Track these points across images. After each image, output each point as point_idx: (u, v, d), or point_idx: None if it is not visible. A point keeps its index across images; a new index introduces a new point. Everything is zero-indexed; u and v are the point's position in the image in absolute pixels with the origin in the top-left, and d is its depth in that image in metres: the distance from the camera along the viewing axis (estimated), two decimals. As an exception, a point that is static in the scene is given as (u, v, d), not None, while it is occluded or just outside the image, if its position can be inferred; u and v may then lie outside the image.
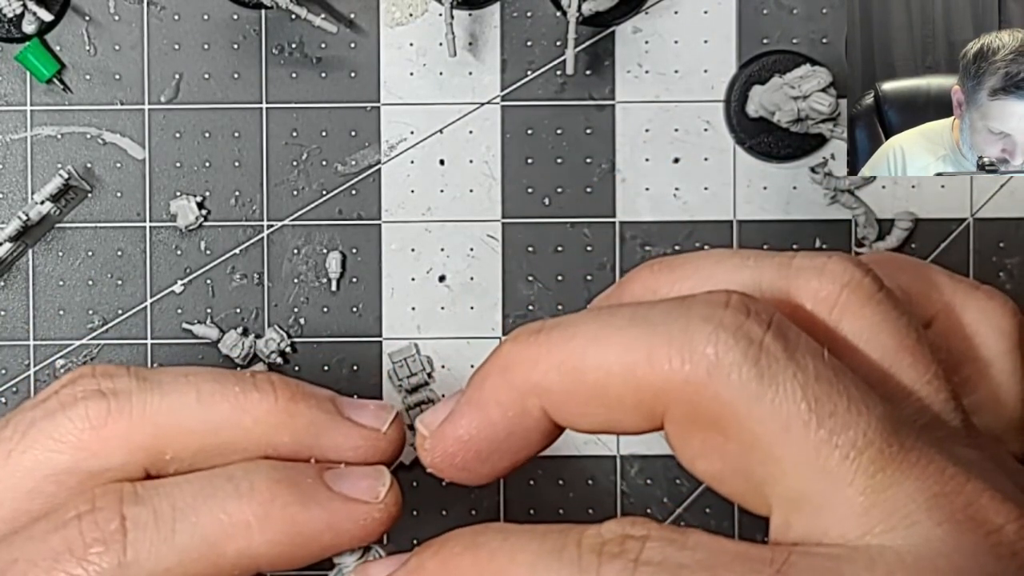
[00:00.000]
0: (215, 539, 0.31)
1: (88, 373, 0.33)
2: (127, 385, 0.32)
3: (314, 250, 0.51)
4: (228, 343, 0.50)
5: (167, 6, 0.50)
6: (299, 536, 0.32)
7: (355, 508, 0.32)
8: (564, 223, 0.51)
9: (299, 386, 0.33)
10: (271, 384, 0.33)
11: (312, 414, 0.33)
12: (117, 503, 0.31)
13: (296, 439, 0.33)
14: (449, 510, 0.51)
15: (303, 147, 0.51)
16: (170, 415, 0.32)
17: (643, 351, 0.27)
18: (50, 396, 0.33)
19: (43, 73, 0.49)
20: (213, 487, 0.31)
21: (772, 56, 0.50)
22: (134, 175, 0.50)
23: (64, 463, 0.32)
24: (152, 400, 0.32)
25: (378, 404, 0.34)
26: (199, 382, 0.33)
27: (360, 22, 0.50)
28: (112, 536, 0.31)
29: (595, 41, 0.51)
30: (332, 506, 0.32)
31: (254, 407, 0.32)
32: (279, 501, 0.31)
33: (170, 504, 0.31)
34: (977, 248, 0.51)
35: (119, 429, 0.32)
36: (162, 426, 0.32)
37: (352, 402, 0.34)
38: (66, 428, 0.32)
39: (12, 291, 0.50)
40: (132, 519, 0.31)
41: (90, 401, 0.32)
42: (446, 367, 0.51)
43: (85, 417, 0.32)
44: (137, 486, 0.32)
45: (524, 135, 0.51)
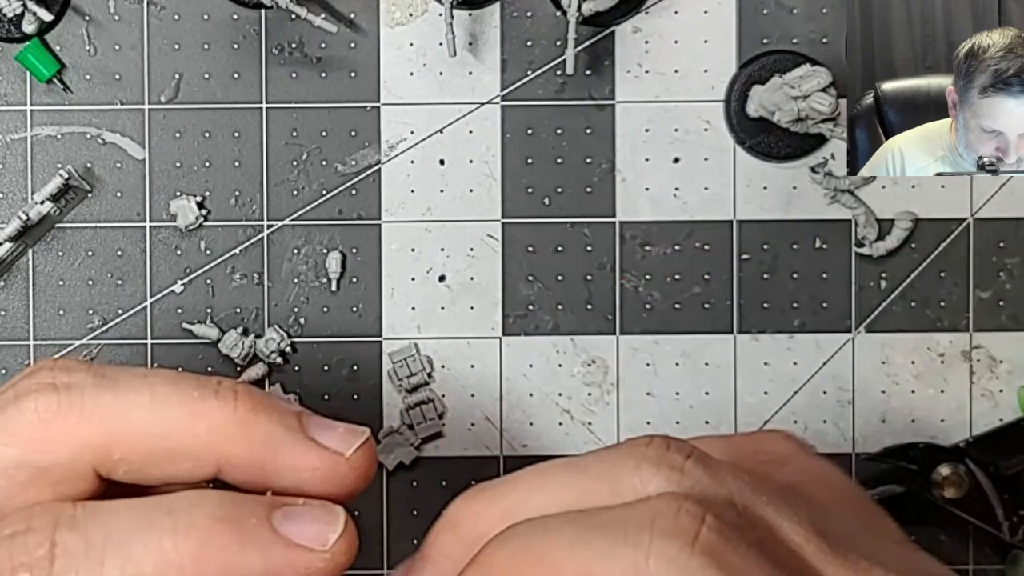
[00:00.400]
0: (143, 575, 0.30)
1: (47, 367, 0.32)
2: (82, 380, 0.31)
3: (314, 250, 0.51)
4: (228, 343, 0.50)
5: (167, 6, 0.50)
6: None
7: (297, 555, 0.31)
8: (564, 223, 0.51)
9: (264, 398, 0.32)
10: (233, 393, 0.32)
11: (271, 428, 0.32)
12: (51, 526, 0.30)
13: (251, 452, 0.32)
14: (449, 510, 0.51)
15: (303, 147, 0.51)
16: (121, 414, 0.31)
17: (575, 491, 0.29)
18: (8, 388, 0.32)
19: (43, 73, 0.49)
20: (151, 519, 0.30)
21: (772, 56, 0.50)
22: (134, 175, 0.50)
23: (13, 456, 0.31)
24: (104, 397, 0.31)
25: (348, 428, 0.33)
26: (156, 383, 0.31)
27: (360, 22, 0.50)
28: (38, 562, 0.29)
29: (595, 41, 0.51)
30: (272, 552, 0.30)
31: (210, 414, 0.31)
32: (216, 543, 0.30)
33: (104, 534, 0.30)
34: (977, 248, 0.51)
35: (68, 425, 0.31)
36: (112, 424, 0.31)
37: (321, 422, 0.33)
38: (16, 421, 0.31)
39: (12, 291, 0.50)
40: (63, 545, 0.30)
41: (41, 394, 0.31)
42: (446, 367, 0.51)
43: (35, 410, 0.31)
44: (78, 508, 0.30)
45: (524, 135, 0.51)
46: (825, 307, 0.51)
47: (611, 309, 0.51)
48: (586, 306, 0.51)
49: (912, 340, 0.51)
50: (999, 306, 0.51)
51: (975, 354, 0.51)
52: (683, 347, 0.51)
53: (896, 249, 0.51)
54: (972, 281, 0.51)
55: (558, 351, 0.51)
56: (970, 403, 0.51)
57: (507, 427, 0.51)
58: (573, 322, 0.51)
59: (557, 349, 0.51)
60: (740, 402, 0.51)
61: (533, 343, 0.51)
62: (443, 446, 0.51)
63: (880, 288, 0.51)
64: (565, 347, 0.51)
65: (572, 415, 0.51)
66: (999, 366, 0.51)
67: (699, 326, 0.51)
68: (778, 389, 0.51)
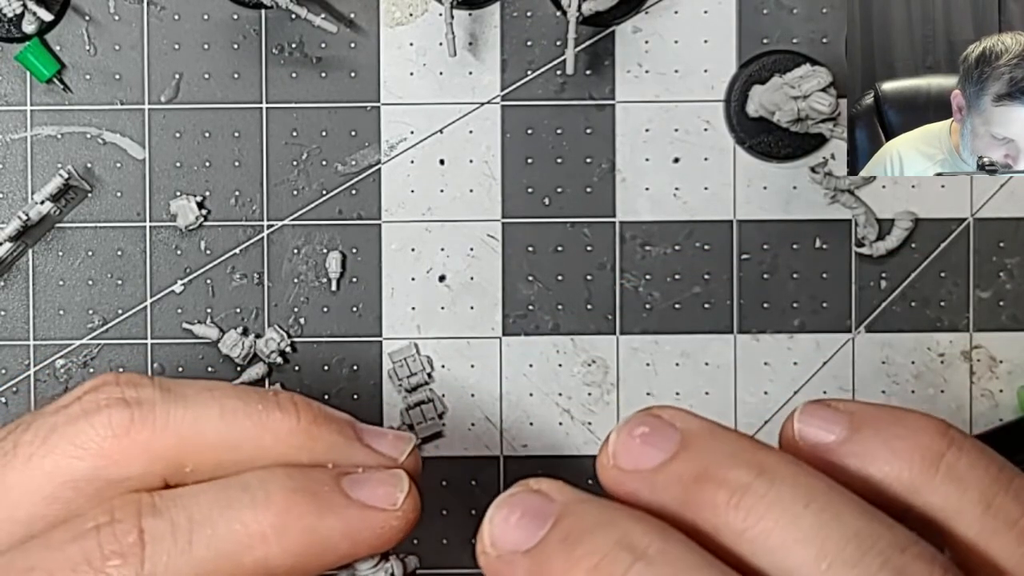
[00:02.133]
0: (232, 551, 0.31)
1: (112, 381, 0.33)
2: (151, 395, 0.32)
3: (314, 250, 0.51)
4: (228, 343, 0.50)
5: (167, 6, 0.50)
6: (316, 546, 0.31)
7: (373, 516, 0.32)
8: (564, 223, 0.51)
9: (320, 409, 0.33)
10: (294, 404, 0.33)
11: (332, 438, 0.33)
12: (135, 515, 0.31)
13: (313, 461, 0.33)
14: (449, 510, 0.51)
15: (303, 147, 0.51)
16: (192, 428, 0.32)
17: None
18: (72, 402, 0.32)
19: (43, 73, 0.49)
20: (229, 498, 0.31)
21: (772, 56, 0.50)
22: (134, 175, 0.50)
23: (84, 470, 0.32)
24: (175, 412, 0.32)
25: (396, 434, 0.34)
26: (222, 397, 0.33)
27: (360, 22, 0.50)
28: (130, 549, 0.30)
29: (595, 41, 0.51)
30: (349, 514, 0.32)
31: (275, 426, 0.32)
32: (295, 511, 0.31)
33: (187, 516, 0.31)
34: (977, 248, 0.51)
35: (141, 438, 0.32)
36: (184, 438, 0.32)
37: (371, 429, 0.34)
38: (88, 435, 0.32)
39: (12, 291, 0.50)
40: (150, 532, 0.31)
41: (113, 409, 0.32)
42: (446, 367, 0.51)
43: (108, 425, 0.32)
44: (155, 497, 0.31)
45: (524, 135, 0.51)
46: (825, 307, 0.51)
47: (611, 309, 0.51)
48: (586, 306, 0.51)
49: (912, 340, 0.51)
50: (999, 306, 0.51)
51: (975, 354, 0.51)
52: (683, 347, 0.51)
53: (896, 249, 0.51)
54: (972, 281, 0.51)
55: (558, 351, 0.51)
56: (970, 403, 0.51)
57: (507, 427, 0.51)
58: (573, 322, 0.51)
59: (557, 349, 0.51)
60: (740, 402, 0.51)
61: (533, 343, 0.51)
62: (443, 446, 0.51)
63: (880, 288, 0.51)
64: (565, 347, 0.51)
65: (572, 415, 0.51)
66: (999, 366, 0.51)
67: (699, 326, 0.51)
68: (778, 389, 0.51)
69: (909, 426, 0.29)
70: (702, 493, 0.27)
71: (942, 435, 0.29)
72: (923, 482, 0.28)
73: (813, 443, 0.29)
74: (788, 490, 0.27)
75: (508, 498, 0.29)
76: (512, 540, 0.29)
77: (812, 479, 0.27)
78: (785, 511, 0.27)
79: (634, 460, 0.29)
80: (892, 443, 0.29)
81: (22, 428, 0.33)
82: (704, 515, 0.27)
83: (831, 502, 0.27)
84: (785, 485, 0.27)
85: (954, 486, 0.28)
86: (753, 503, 0.27)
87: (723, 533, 0.27)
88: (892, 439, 0.29)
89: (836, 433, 0.29)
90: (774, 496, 0.27)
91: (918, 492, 0.28)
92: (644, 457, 0.29)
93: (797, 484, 0.27)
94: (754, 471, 0.27)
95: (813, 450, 0.29)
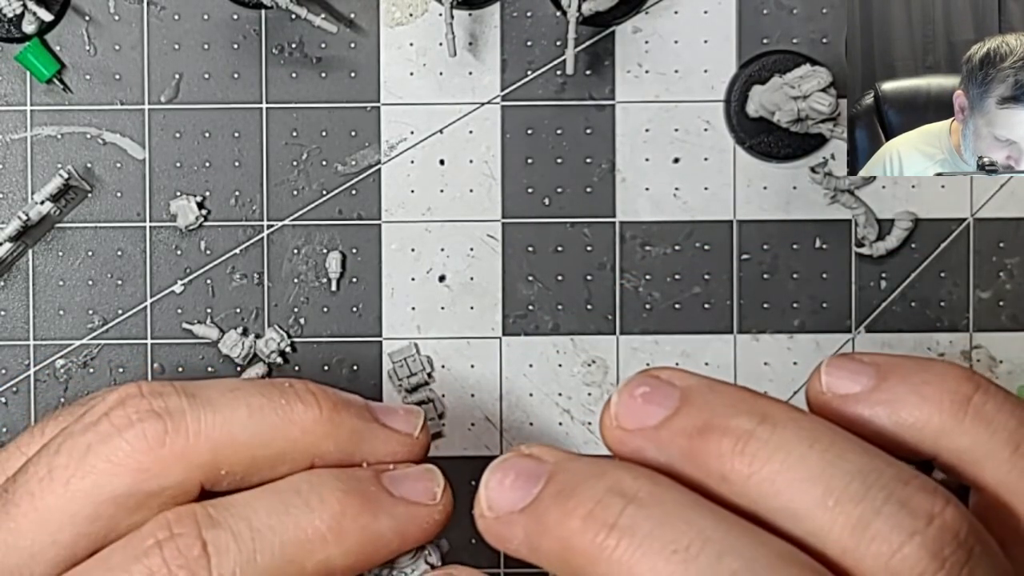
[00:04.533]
0: (295, 555, 0.31)
1: (136, 393, 0.33)
2: (179, 404, 0.32)
3: (314, 250, 0.51)
4: (228, 343, 0.50)
5: (167, 6, 0.50)
6: (371, 544, 0.32)
7: (418, 512, 0.33)
8: (564, 223, 0.51)
9: (337, 395, 0.34)
10: (313, 395, 0.33)
11: (353, 423, 0.34)
12: (195, 528, 0.31)
13: (340, 447, 0.34)
14: (449, 510, 0.51)
15: (303, 147, 0.51)
16: (224, 431, 0.32)
17: None
18: (100, 418, 0.32)
19: (43, 73, 0.49)
20: (284, 504, 0.32)
21: (772, 56, 0.50)
22: (134, 175, 0.50)
23: (123, 486, 0.32)
24: (206, 417, 0.32)
25: (406, 408, 0.36)
26: (247, 396, 0.33)
27: (360, 22, 0.50)
28: (196, 562, 0.30)
29: (595, 41, 0.51)
30: (398, 512, 0.33)
31: (300, 418, 0.33)
32: (350, 512, 0.32)
33: (247, 525, 0.31)
34: (977, 248, 0.51)
35: (177, 448, 0.32)
36: (218, 442, 0.32)
37: (384, 408, 0.35)
38: (124, 451, 0.32)
39: (12, 291, 0.50)
40: (213, 543, 0.31)
41: (146, 423, 0.32)
42: (446, 367, 0.51)
43: (143, 438, 0.32)
44: (209, 508, 0.32)
45: (524, 135, 0.51)
46: (825, 307, 0.51)
47: (611, 309, 0.51)
48: (586, 306, 0.51)
49: (912, 340, 0.51)
50: (999, 306, 0.51)
51: (975, 354, 0.51)
52: (683, 347, 0.51)
53: (896, 249, 0.51)
54: (972, 281, 0.51)
55: (558, 351, 0.51)
56: (970, 403, 0.51)
57: (507, 427, 0.51)
58: (573, 322, 0.51)
59: (557, 349, 0.51)
60: (740, 402, 0.51)
61: (533, 343, 0.51)
62: (443, 446, 0.51)
63: (880, 288, 0.51)
64: (565, 347, 0.51)
65: (572, 415, 0.51)
66: (999, 366, 0.51)
67: (699, 326, 0.51)
68: (778, 389, 0.51)
69: (936, 372, 0.29)
70: (707, 443, 0.28)
71: (968, 379, 0.29)
72: (952, 425, 0.29)
73: (842, 394, 0.29)
74: (791, 434, 0.27)
75: (501, 463, 0.30)
76: (508, 501, 0.29)
77: (813, 422, 0.28)
78: (790, 453, 0.27)
79: (637, 419, 0.29)
80: (920, 389, 0.29)
81: (52, 451, 0.32)
82: (710, 465, 0.28)
83: (834, 443, 0.27)
84: (788, 429, 0.27)
85: (983, 428, 0.29)
86: (758, 448, 0.27)
87: (730, 480, 0.28)
88: (920, 385, 0.29)
89: (863, 383, 0.29)
90: (778, 440, 0.27)
91: (948, 435, 0.29)
92: (646, 415, 0.29)
93: (800, 427, 0.28)
94: (756, 418, 0.28)
95: (841, 401, 0.29)
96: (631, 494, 0.27)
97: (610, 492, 0.27)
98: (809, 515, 0.27)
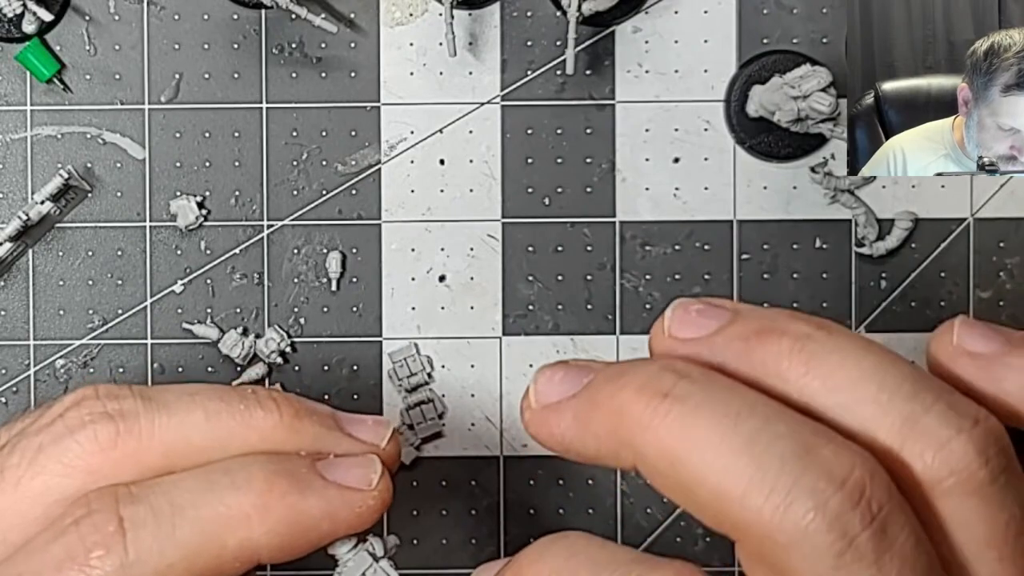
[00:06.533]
0: (216, 532, 0.31)
1: (91, 395, 0.33)
2: (133, 406, 0.32)
3: (314, 250, 0.51)
4: (228, 343, 0.50)
5: (167, 6, 0.50)
6: (298, 525, 0.32)
7: (351, 496, 0.33)
8: (564, 223, 0.51)
9: (301, 402, 0.34)
10: (274, 401, 0.33)
11: (315, 430, 0.34)
12: (113, 504, 0.31)
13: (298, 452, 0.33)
14: (449, 510, 0.51)
15: (303, 147, 0.51)
16: (178, 433, 0.32)
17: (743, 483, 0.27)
18: (55, 420, 0.32)
19: (43, 73, 0.49)
20: (210, 481, 0.31)
21: (772, 56, 0.50)
22: (134, 175, 0.50)
23: (74, 487, 0.32)
24: (160, 420, 0.32)
25: (376, 419, 0.35)
26: (205, 400, 0.33)
27: (360, 22, 0.50)
28: (112, 537, 0.30)
29: (595, 41, 0.51)
30: (328, 494, 0.32)
31: (259, 423, 0.33)
32: (277, 491, 0.31)
33: (168, 501, 0.31)
34: (977, 248, 0.51)
35: (128, 450, 0.32)
36: (170, 445, 0.32)
37: (351, 418, 0.35)
38: (75, 452, 0.32)
39: (12, 291, 0.50)
40: (130, 519, 0.31)
41: (98, 424, 0.32)
42: (446, 367, 0.51)
43: (94, 439, 0.32)
44: (131, 487, 0.31)
45: (524, 135, 0.51)
46: (825, 307, 0.51)
47: (611, 309, 0.51)
48: (586, 306, 0.51)
49: (912, 340, 0.51)
50: (999, 306, 0.51)
51: (975, 354, 0.51)
52: (683, 347, 0.51)
53: (896, 249, 0.51)
54: (972, 281, 0.51)
55: (558, 351, 0.51)
56: (970, 403, 0.51)
57: (507, 427, 0.51)
58: (573, 322, 0.51)
59: (557, 349, 0.51)
60: (740, 402, 0.51)
61: (533, 343, 0.51)
62: (443, 446, 0.51)
63: (880, 288, 0.51)
64: (565, 347, 0.51)
65: (572, 415, 0.51)
66: (999, 366, 0.51)
67: (699, 326, 0.51)
68: (778, 389, 0.51)
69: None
70: (765, 344, 0.29)
71: None
72: None
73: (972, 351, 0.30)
74: (846, 339, 0.29)
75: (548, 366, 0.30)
76: (558, 392, 0.30)
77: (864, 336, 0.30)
78: (847, 355, 0.28)
79: (692, 329, 0.30)
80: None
81: (6, 452, 0.32)
82: (767, 363, 0.29)
83: (886, 352, 0.29)
84: (843, 336, 0.29)
85: None
86: (816, 347, 0.28)
87: (786, 377, 0.28)
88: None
89: (994, 347, 0.30)
90: (834, 343, 0.28)
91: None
92: (702, 325, 0.30)
93: (854, 336, 0.29)
94: (813, 324, 0.29)
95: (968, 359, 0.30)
96: (683, 372, 0.28)
97: (663, 368, 0.28)
98: (862, 409, 0.28)
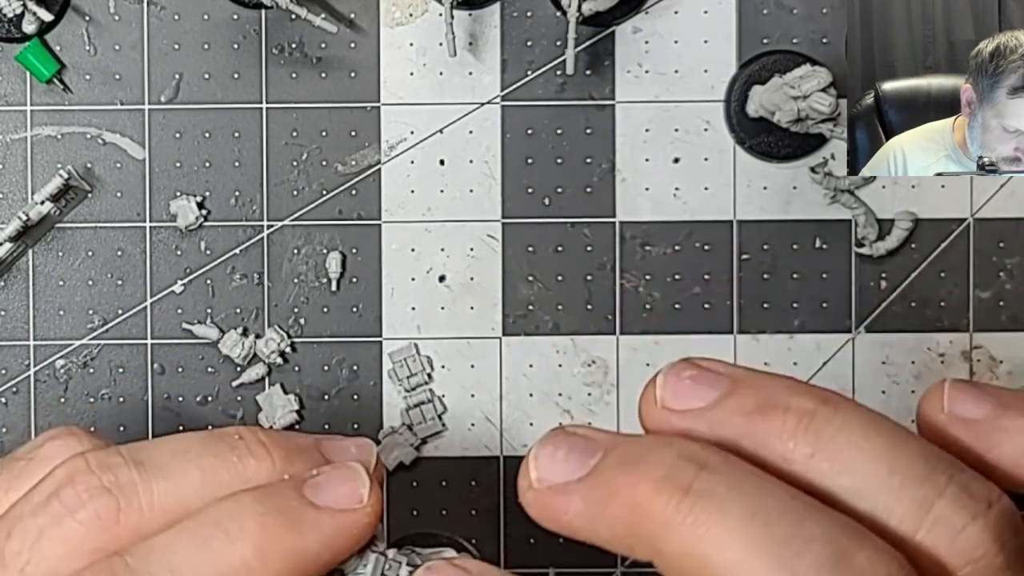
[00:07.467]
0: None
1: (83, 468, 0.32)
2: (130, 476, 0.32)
3: (314, 250, 0.51)
4: (228, 343, 0.50)
5: (167, 6, 0.50)
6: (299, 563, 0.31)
7: (345, 519, 0.32)
8: (564, 223, 0.51)
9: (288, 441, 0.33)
10: (264, 447, 0.33)
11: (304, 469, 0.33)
12: None
13: None
14: (449, 510, 0.51)
15: (303, 147, 0.51)
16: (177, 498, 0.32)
17: None
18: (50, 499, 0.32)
19: (43, 73, 0.49)
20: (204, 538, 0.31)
21: (772, 56, 0.50)
22: (134, 175, 0.50)
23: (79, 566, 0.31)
24: (158, 487, 0.32)
25: (358, 443, 0.34)
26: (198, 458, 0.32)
27: (360, 22, 0.50)
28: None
29: (595, 41, 0.51)
30: (322, 524, 0.31)
31: (253, 475, 0.32)
32: (272, 535, 0.31)
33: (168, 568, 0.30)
34: (977, 248, 0.51)
35: (131, 523, 0.31)
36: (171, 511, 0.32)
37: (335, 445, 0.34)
38: (79, 534, 0.31)
39: (12, 291, 0.50)
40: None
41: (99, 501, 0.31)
42: (446, 367, 0.51)
43: (97, 519, 0.31)
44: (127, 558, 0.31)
45: (524, 135, 0.51)
46: (825, 307, 0.51)
47: (611, 309, 0.51)
48: (586, 306, 0.51)
49: (912, 340, 0.51)
50: (999, 306, 0.51)
51: (975, 354, 0.51)
52: (683, 347, 0.51)
53: (896, 249, 0.51)
54: (972, 281, 0.51)
55: (558, 351, 0.51)
56: (970, 403, 0.51)
57: (507, 427, 0.51)
58: (573, 322, 0.51)
59: (557, 349, 0.51)
60: (740, 402, 0.51)
61: (533, 343, 0.51)
62: (443, 446, 0.51)
63: (880, 288, 0.51)
64: (565, 347, 0.51)
65: (572, 415, 0.51)
66: (999, 366, 0.51)
67: (699, 326, 0.51)
68: (778, 389, 0.51)
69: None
70: (768, 421, 0.28)
71: None
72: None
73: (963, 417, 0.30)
74: (853, 416, 0.28)
75: (549, 437, 0.29)
76: (562, 472, 0.28)
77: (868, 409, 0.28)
78: (854, 433, 0.27)
79: (685, 400, 0.29)
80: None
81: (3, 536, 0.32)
82: (771, 443, 0.28)
83: (894, 428, 0.28)
84: (849, 411, 0.28)
85: None
86: (822, 425, 0.27)
87: (792, 458, 0.27)
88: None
89: (986, 411, 0.30)
90: (841, 419, 0.27)
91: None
92: (697, 395, 0.28)
93: (859, 411, 0.28)
94: (817, 399, 0.28)
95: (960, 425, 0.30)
96: (702, 461, 0.27)
97: (681, 458, 0.27)
98: (874, 493, 0.27)
